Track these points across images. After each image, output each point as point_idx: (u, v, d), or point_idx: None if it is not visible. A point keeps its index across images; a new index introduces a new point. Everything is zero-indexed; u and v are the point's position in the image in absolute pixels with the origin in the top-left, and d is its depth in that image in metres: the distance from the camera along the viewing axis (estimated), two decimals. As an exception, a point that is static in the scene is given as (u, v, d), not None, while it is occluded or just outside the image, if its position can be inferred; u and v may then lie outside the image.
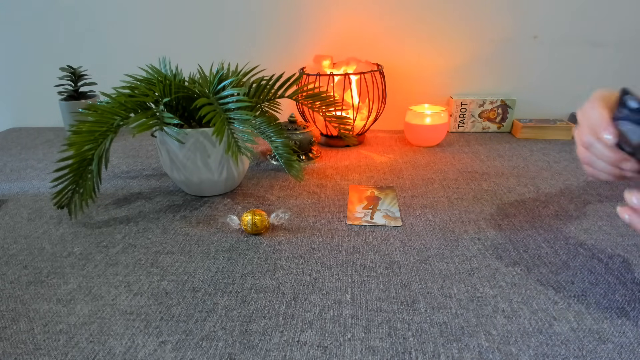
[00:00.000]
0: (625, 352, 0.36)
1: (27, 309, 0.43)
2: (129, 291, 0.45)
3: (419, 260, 0.50)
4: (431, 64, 0.98)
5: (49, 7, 1.00)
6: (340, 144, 0.91)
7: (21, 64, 1.06)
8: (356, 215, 0.60)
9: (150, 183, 0.74)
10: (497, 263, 0.49)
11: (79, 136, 0.56)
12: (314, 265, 0.49)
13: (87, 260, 0.51)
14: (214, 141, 0.61)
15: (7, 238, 0.57)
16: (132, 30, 1.01)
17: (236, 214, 0.62)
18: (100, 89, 1.05)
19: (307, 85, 0.75)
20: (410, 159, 0.82)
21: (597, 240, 0.53)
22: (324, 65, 0.89)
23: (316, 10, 0.95)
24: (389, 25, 0.96)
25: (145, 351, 0.37)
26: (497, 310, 0.41)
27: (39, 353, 0.37)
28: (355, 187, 0.70)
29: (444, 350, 0.37)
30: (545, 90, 0.99)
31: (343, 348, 0.37)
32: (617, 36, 0.93)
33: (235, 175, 0.67)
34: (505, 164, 0.79)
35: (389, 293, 0.44)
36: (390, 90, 0.99)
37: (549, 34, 0.94)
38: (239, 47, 1.00)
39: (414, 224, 0.58)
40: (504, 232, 0.55)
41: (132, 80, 0.61)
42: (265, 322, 0.41)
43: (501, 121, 0.98)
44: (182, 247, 0.53)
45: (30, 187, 0.73)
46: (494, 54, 0.96)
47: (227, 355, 0.37)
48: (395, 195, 0.66)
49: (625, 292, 0.44)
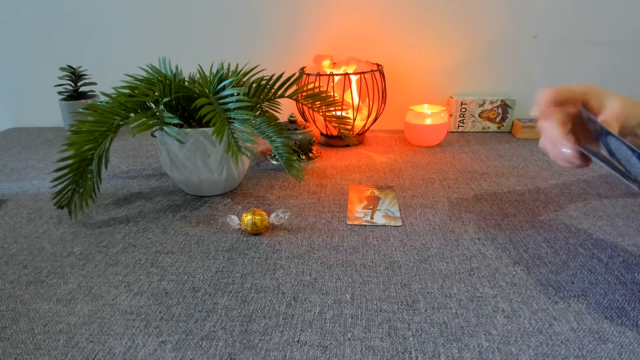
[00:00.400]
0: (625, 352, 0.36)
1: (27, 309, 0.43)
2: (129, 291, 0.45)
3: (419, 260, 0.50)
4: (431, 63, 0.98)
5: (49, 7, 1.00)
6: (340, 144, 0.91)
7: (21, 64, 1.06)
8: (356, 215, 0.60)
9: (150, 183, 0.74)
10: (497, 263, 0.49)
11: (79, 136, 0.56)
12: (314, 265, 0.49)
13: (87, 260, 0.51)
14: (214, 141, 0.61)
15: (7, 238, 0.57)
16: (132, 30, 1.01)
17: (236, 214, 0.62)
18: (100, 89, 1.04)
19: (307, 85, 0.75)
20: (410, 159, 0.82)
21: (597, 240, 0.53)
22: (324, 65, 0.89)
23: (316, 10, 0.95)
24: (389, 25, 0.96)
25: (145, 351, 0.37)
26: (497, 310, 0.41)
27: (39, 353, 0.37)
28: (355, 187, 0.70)
29: (444, 350, 0.37)
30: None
31: (343, 348, 0.37)
32: (617, 36, 0.93)
33: (235, 175, 0.67)
34: (505, 164, 0.79)
35: (389, 293, 0.44)
36: (390, 90, 0.99)
37: (549, 33, 0.94)
38: (239, 47, 1.00)
39: (414, 223, 0.58)
40: (504, 232, 0.55)
41: (132, 80, 0.61)
42: (265, 322, 0.41)
43: (501, 121, 0.98)
44: (182, 247, 0.53)
45: (30, 187, 0.73)
46: (494, 53, 0.96)
47: (227, 355, 0.37)
48: (395, 195, 0.66)
49: (625, 292, 0.44)
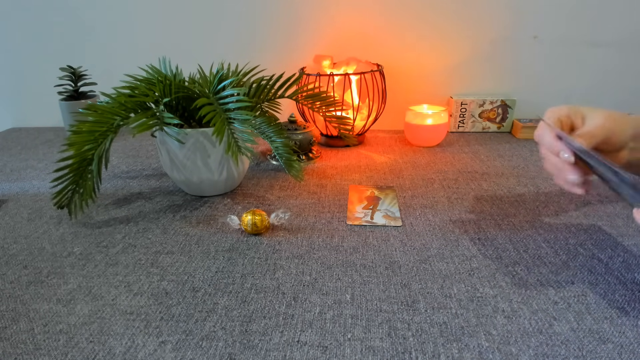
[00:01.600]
0: (625, 352, 0.36)
1: (27, 309, 0.43)
2: (129, 291, 0.45)
3: (419, 260, 0.50)
4: (431, 63, 0.98)
5: (49, 7, 1.00)
6: (340, 144, 0.91)
7: (21, 64, 1.06)
8: (356, 215, 0.60)
9: (150, 183, 0.74)
10: (497, 263, 0.49)
11: (79, 136, 0.56)
12: (314, 265, 0.49)
13: (87, 260, 0.51)
14: (214, 141, 0.61)
15: (7, 238, 0.57)
16: (132, 30, 1.01)
17: (236, 214, 0.62)
18: (100, 89, 1.04)
19: (307, 85, 0.75)
20: (410, 159, 0.82)
21: (597, 240, 0.53)
22: (324, 65, 0.89)
23: (316, 10, 0.95)
24: (389, 26, 0.96)
25: (145, 351, 0.37)
26: (497, 310, 0.41)
27: (39, 353, 0.37)
28: (355, 187, 0.70)
29: (444, 350, 0.37)
30: (545, 90, 0.99)
31: (343, 348, 0.37)
32: (617, 36, 0.93)
33: (235, 175, 0.67)
34: (505, 164, 0.79)
35: (389, 293, 0.44)
36: (390, 90, 0.99)
37: (549, 33, 0.94)
38: (239, 47, 1.00)
39: (414, 224, 0.58)
40: (504, 232, 0.55)
41: (132, 80, 0.61)
42: (265, 322, 0.41)
43: (501, 121, 0.98)
44: (182, 247, 0.53)
45: (30, 187, 0.73)
46: (494, 53, 0.96)
47: (227, 355, 0.37)
48: (395, 195, 0.66)
49: (625, 292, 0.44)
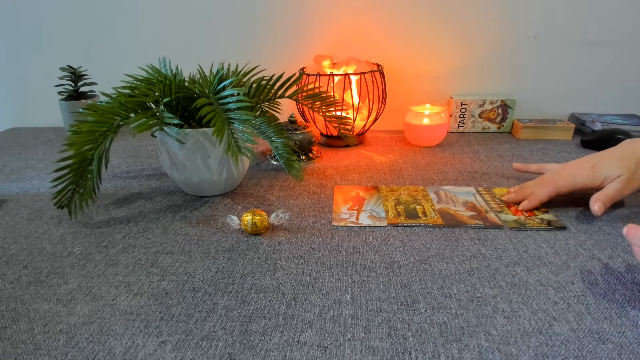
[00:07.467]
0: (625, 352, 0.36)
1: (27, 309, 0.43)
2: (129, 291, 0.45)
3: (419, 260, 0.50)
4: (431, 64, 0.98)
5: (49, 7, 1.00)
6: (340, 144, 0.91)
7: (21, 64, 1.06)
8: (341, 217, 0.60)
9: (150, 183, 0.74)
10: (497, 263, 0.49)
11: (79, 136, 0.56)
12: (314, 265, 0.49)
13: (87, 260, 0.51)
14: (214, 141, 0.61)
15: (7, 238, 0.57)
16: (132, 30, 1.01)
17: (236, 214, 0.62)
18: (100, 89, 1.05)
19: (307, 86, 0.75)
20: (410, 159, 0.82)
21: (597, 240, 0.53)
22: (324, 65, 0.89)
23: (316, 10, 0.95)
24: (389, 26, 0.96)
25: (145, 351, 0.37)
26: (497, 310, 0.41)
27: (39, 353, 0.37)
28: (340, 187, 0.69)
29: (444, 350, 0.37)
30: (545, 90, 0.99)
31: (343, 348, 0.37)
32: (617, 36, 0.93)
33: (235, 175, 0.67)
34: (505, 164, 0.79)
35: (389, 293, 0.44)
36: (390, 91, 0.99)
37: (549, 34, 0.94)
38: (239, 47, 1.00)
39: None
40: (504, 232, 0.55)
41: (132, 80, 0.61)
42: (265, 322, 0.41)
43: (501, 121, 0.98)
44: (182, 247, 0.53)
45: (30, 187, 0.73)
46: (494, 54, 0.96)
47: (227, 355, 0.37)
48: (380, 196, 0.66)
49: (625, 292, 0.44)
